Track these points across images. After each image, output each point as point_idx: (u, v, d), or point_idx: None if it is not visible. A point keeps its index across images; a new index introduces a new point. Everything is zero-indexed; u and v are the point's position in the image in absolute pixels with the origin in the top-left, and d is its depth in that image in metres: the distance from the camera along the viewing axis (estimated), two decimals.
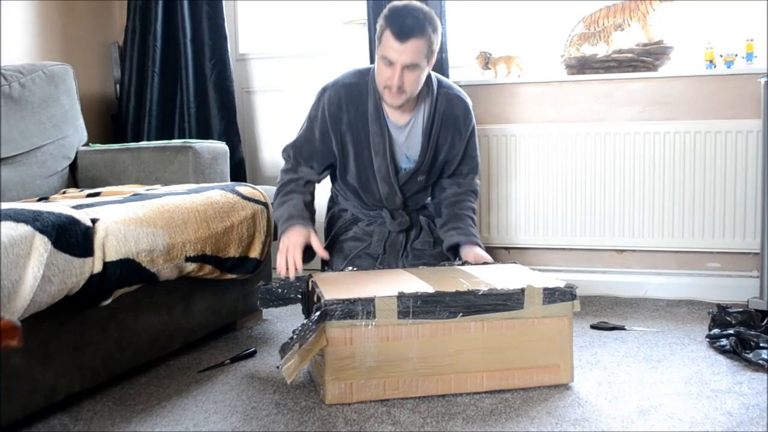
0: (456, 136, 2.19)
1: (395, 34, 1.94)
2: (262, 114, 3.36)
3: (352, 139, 2.14)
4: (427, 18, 1.99)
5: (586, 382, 1.83)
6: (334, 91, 2.14)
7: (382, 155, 2.13)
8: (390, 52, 1.96)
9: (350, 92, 2.12)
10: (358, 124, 2.13)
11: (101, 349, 1.78)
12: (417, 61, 1.97)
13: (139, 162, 2.63)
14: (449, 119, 2.16)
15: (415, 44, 1.95)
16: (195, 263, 1.96)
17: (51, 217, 1.54)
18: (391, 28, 1.95)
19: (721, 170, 2.66)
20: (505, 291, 1.73)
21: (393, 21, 1.96)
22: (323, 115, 2.14)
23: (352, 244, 2.25)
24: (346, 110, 2.12)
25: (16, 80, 2.54)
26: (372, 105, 2.11)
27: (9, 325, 0.86)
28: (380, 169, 2.16)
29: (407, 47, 1.95)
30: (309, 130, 2.19)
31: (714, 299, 2.65)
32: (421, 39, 1.96)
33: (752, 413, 1.59)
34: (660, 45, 2.75)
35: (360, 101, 2.12)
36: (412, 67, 1.98)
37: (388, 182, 2.18)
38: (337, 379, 1.68)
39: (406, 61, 1.96)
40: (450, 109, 2.16)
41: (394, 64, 1.97)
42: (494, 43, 2.99)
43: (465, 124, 2.19)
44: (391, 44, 1.95)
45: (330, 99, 2.13)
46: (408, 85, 2.00)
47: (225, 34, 3.13)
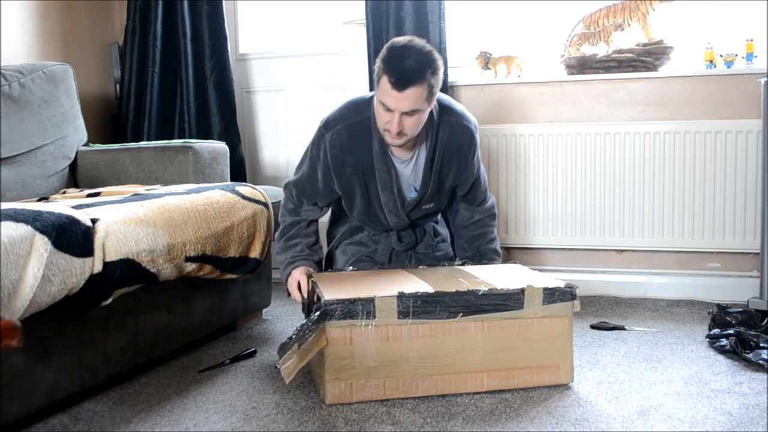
0: (462, 165, 2.12)
1: (393, 82, 1.85)
2: (262, 114, 3.36)
3: (358, 179, 2.09)
4: (427, 61, 1.88)
5: (586, 382, 1.83)
6: (336, 134, 2.05)
7: (389, 191, 2.09)
8: (388, 99, 1.88)
9: (353, 134, 2.04)
10: (364, 164, 2.07)
11: (101, 349, 1.78)
12: (415, 107, 1.88)
13: (139, 162, 2.63)
14: (453, 147, 2.08)
15: (414, 92, 1.86)
16: (195, 263, 1.96)
17: (51, 217, 1.54)
18: (389, 75, 1.85)
19: (721, 170, 2.65)
20: (505, 291, 1.73)
21: (391, 67, 1.86)
22: (326, 158, 2.07)
23: (356, 248, 2.25)
24: (350, 153, 2.05)
25: (16, 80, 2.54)
26: (377, 143, 2.04)
27: (9, 325, 0.86)
28: (387, 204, 2.11)
29: (405, 95, 1.86)
30: (311, 169, 2.13)
31: (714, 299, 2.65)
32: (420, 86, 1.86)
33: (752, 413, 1.59)
34: (660, 45, 2.75)
35: (363, 141, 2.05)
36: (411, 112, 1.90)
37: (395, 213, 2.14)
38: (337, 379, 1.68)
39: (404, 109, 1.88)
40: (453, 138, 2.08)
41: (392, 110, 1.89)
42: (494, 43, 2.99)
43: (470, 150, 2.11)
44: (389, 92, 1.87)
45: (332, 142, 2.05)
46: (408, 128, 1.93)
47: (225, 34, 3.13)
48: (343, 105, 2.11)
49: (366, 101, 2.08)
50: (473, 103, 2.96)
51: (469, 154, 2.11)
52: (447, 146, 2.07)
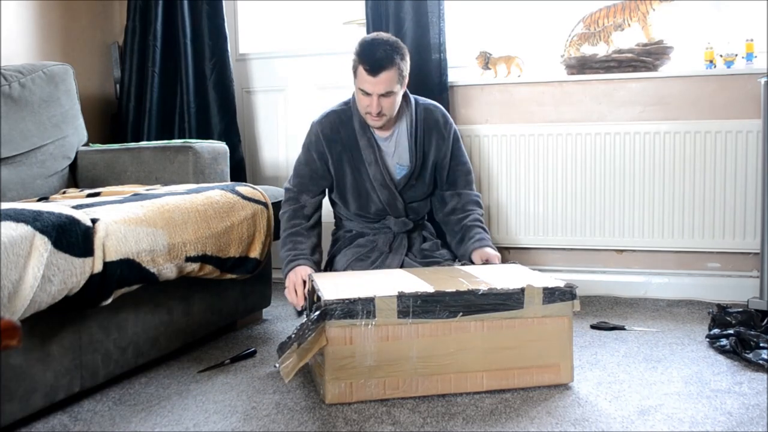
0: (440, 139, 2.33)
1: (367, 69, 2.14)
2: (262, 114, 3.36)
3: (347, 157, 2.31)
4: (395, 49, 2.17)
5: (586, 382, 1.83)
6: (326, 118, 2.34)
7: (374, 164, 2.28)
8: (365, 84, 2.17)
9: (339, 117, 2.32)
10: (351, 143, 2.30)
11: (101, 349, 1.78)
12: (390, 89, 2.17)
13: (139, 162, 2.63)
14: (430, 123, 2.33)
15: (387, 75, 2.15)
16: (195, 263, 1.96)
17: (51, 217, 1.54)
18: (363, 64, 2.15)
19: (721, 170, 2.65)
20: (505, 291, 1.73)
21: (364, 57, 2.16)
22: (318, 139, 2.31)
23: (355, 250, 2.30)
24: (338, 133, 2.30)
25: (16, 80, 2.54)
26: (357, 123, 2.30)
27: (9, 325, 0.86)
28: (376, 177, 2.28)
29: (380, 79, 2.14)
30: (306, 155, 2.35)
31: (714, 299, 2.65)
32: (391, 70, 2.15)
33: (752, 413, 1.59)
34: (660, 45, 2.75)
35: (348, 123, 2.31)
36: (387, 94, 2.17)
37: (386, 187, 2.28)
38: (336, 379, 1.68)
39: (380, 91, 2.16)
40: (429, 116, 2.34)
41: (371, 94, 2.17)
42: (494, 43, 2.99)
43: (446, 127, 2.35)
44: (365, 78, 2.16)
45: (323, 124, 2.32)
46: (386, 109, 2.20)
47: (225, 34, 3.13)
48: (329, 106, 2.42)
49: (346, 99, 2.38)
50: (473, 103, 2.96)
51: (445, 130, 2.35)
52: (425, 122, 2.33)
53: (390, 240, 2.31)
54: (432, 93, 2.85)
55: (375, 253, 2.28)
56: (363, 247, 2.30)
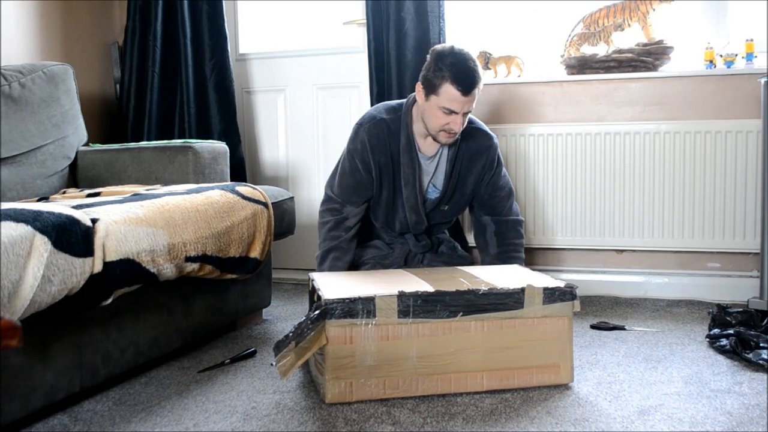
0: (484, 166, 2.25)
1: (462, 89, 2.02)
2: (262, 114, 3.36)
3: (388, 171, 2.22)
4: (477, 62, 2.08)
5: (586, 382, 1.83)
6: (373, 125, 2.20)
7: (411, 185, 2.21)
8: (454, 104, 2.05)
9: (388, 127, 2.20)
10: (394, 157, 2.21)
11: (101, 349, 1.78)
12: (473, 106, 2.10)
13: (139, 162, 2.63)
14: (473, 151, 2.23)
15: (475, 93, 2.07)
16: (195, 263, 1.96)
17: (51, 217, 1.53)
18: (457, 83, 2.02)
19: (721, 170, 2.65)
20: (505, 290, 1.73)
21: (457, 76, 2.02)
22: (364, 147, 2.20)
23: (372, 251, 2.31)
24: (384, 143, 2.20)
25: (16, 80, 2.54)
26: (404, 138, 2.19)
27: (9, 325, 0.86)
28: (409, 199, 2.23)
29: (471, 98, 2.06)
30: (351, 163, 2.24)
31: (714, 299, 2.65)
32: (479, 86, 2.07)
33: (752, 413, 1.59)
34: (660, 45, 2.75)
35: (395, 135, 2.20)
36: (469, 111, 2.10)
37: (416, 211, 2.25)
38: (336, 378, 1.68)
39: (467, 110, 2.08)
40: (474, 143, 2.24)
41: (456, 113, 2.06)
42: (494, 43, 2.99)
43: (489, 154, 2.25)
44: (457, 97, 2.03)
45: (371, 131, 2.19)
46: (463, 124, 2.12)
47: (225, 34, 3.13)
48: (373, 108, 2.29)
49: (395, 105, 2.26)
50: None
51: (489, 157, 2.24)
52: (468, 149, 2.23)
53: (405, 253, 2.33)
54: None
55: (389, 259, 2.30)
56: (379, 250, 2.30)
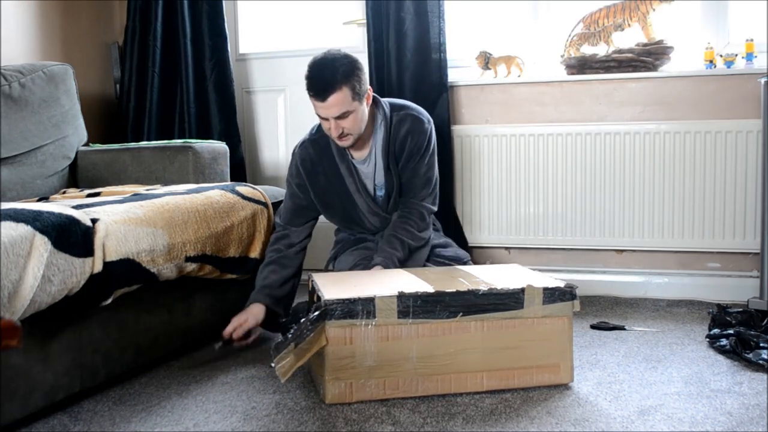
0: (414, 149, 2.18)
1: (314, 95, 2.03)
2: (262, 114, 3.36)
3: (333, 187, 2.22)
4: (339, 66, 2.02)
5: (586, 382, 1.83)
6: (302, 149, 2.24)
7: (357, 192, 2.21)
8: (319, 110, 2.06)
9: (316, 146, 2.22)
10: (332, 171, 2.21)
11: (101, 349, 1.78)
12: (345, 109, 2.03)
13: (139, 162, 2.63)
14: (403, 133, 2.18)
15: (336, 98, 2.01)
16: (195, 263, 1.96)
17: (51, 217, 1.53)
18: (309, 90, 2.05)
19: (721, 170, 2.65)
20: (505, 290, 1.73)
21: (310, 83, 2.04)
22: (298, 172, 2.23)
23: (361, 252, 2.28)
24: (319, 163, 2.22)
25: (16, 80, 2.54)
26: (335, 149, 2.20)
27: (9, 325, 0.86)
28: (362, 206, 2.23)
29: (329, 103, 2.01)
30: (290, 188, 2.28)
31: (714, 299, 2.65)
32: (339, 91, 2.00)
33: (752, 413, 1.59)
34: (660, 45, 2.75)
35: (326, 151, 2.21)
36: (343, 115, 2.04)
37: (374, 213, 2.24)
38: (336, 379, 1.68)
39: (334, 114, 2.03)
40: (404, 125, 2.18)
41: (327, 119, 2.06)
42: (494, 43, 2.99)
43: (418, 136, 2.18)
44: (316, 104, 2.05)
45: (302, 156, 2.23)
46: (348, 128, 2.08)
47: (225, 34, 3.13)
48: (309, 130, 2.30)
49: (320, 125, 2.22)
50: (473, 103, 2.96)
51: (417, 140, 2.17)
52: (397, 134, 2.18)
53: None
54: (432, 93, 2.85)
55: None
56: (369, 250, 2.28)
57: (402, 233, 2.16)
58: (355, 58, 2.09)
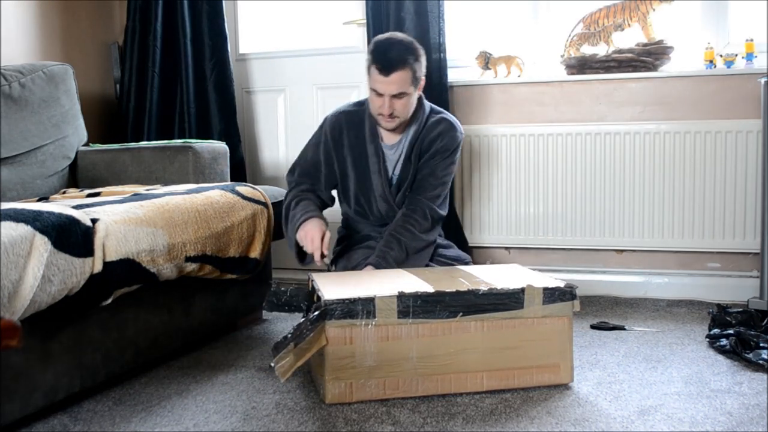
0: (439, 150, 2.23)
1: (379, 68, 2.09)
2: (262, 114, 3.36)
3: (353, 161, 2.28)
4: (409, 49, 2.13)
5: (586, 382, 1.83)
6: (335, 117, 2.30)
7: (377, 174, 2.25)
8: (377, 84, 2.12)
9: (350, 119, 2.28)
10: (358, 147, 2.27)
11: (101, 349, 1.78)
12: (403, 90, 2.11)
13: (139, 162, 2.63)
14: (434, 134, 2.24)
15: (399, 76, 2.09)
16: (195, 263, 1.96)
17: (51, 217, 1.54)
18: (376, 63, 2.10)
19: (721, 170, 2.65)
20: (505, 290, 1.73)
21: (377, 56, 2.11)
22: (326, 139, 2.29)
23: (362, 252, 2.28)
24: (346, 135, 2.27)
25: (16, 80, 2.54)
26: (368, 128, 2.26)
27: (9, 325, 0.86)
28: (377, 188, 2.26)
29: (392, 79, 2.09)
30: (314, 154, 2.32)
31: (714, 299, 2.65)
32: (404, 70, 2.10)
33: (752, 413, 1.59)
34: (660, 45, 2.75)
35: (359, 126, 2.27)
36: (399, 95, 2.12)
37: (385, 200, 2.27)
38: (336, 379, 1.68)
39: (392, 92, 2.11)
40: (436, 127, 2.25)
41: (383, 95, 2.12)
42: (494, 43, 2.99)
43: (447, 139, 2.23)
44: (378, 78, 2.11)
45: (332, 125, 2.29)
46: (398, 111, 2.15)
47: (225, 34, 3.13)
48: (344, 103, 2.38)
49: (361, 100, 2.35)
50: (473, 103, 2.96)
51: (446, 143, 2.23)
52: (428, 134, 2.25)
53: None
54: (432, 93, 2.85)
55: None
56: (372, 249, 2.27)
57: (402, 233, 2.18)
58: (420, 46, 2.18)
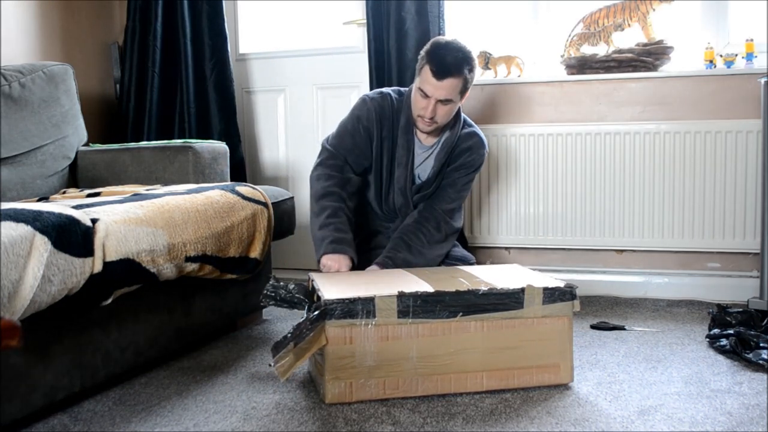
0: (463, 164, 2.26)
1: (434, 71, 2.06)
2: (262, 114, 3.36)
3: (387, 147, 2.25)
4: (466, 59, 2.10)
5: (586, 382, 1.83)
6: (381, 97, 2.26)
7: (404, 167, 2.24)
8: (427, 86, 2.08)
9: (391, 104, 2.25)
10: (391, 135, 2.25)
11: (101, 349, 1.78)
12: (451, 97, 2.10)
13: (139, 162, 2.63)
14: (464, 148, 2.25)
15: (451, 82, 2.07)
16: (195, 263, 1.96)
17: (51, 217, 1.53)
18: (431, 64, 2.07)
19: (721, 170, 2.65)
20: (505, 290, 1.73)
21: (433, 58, 2.07)
22: (370, 114, 2.23)
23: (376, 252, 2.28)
24: (386, 118, 2.24)
25: (16, 80, 2.54)
26: (404, 120, 2.23)
27: (9, 325, 0.86)
28: (399, 180, 2.26)
29: (443, 84, 2.07)
30: (354, 126, 2.25)
31: (714, 299, 2.65)
32: (457, 78, 2.08)
33: (752, 413, 1.59)
34: (660, 45, 2.75)
35: (396, 114, 2.24)
36: (446, 101, 2.10)
37: (403, 194, 2.27)
38: (336, 379, 1.68)
39: (440, 97, 2.09)
40: (467, 141, 2.26)
41: (429, 97, 2.09)
42: (494, 43, 2.99)
43: (473, 155, 2.25)
44: (429, 80, 2.07)
45: (377, 103, 2.24)
46: (440, 116, 2.14)
47: (225, 34, 3.13)
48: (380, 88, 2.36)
49: (401, 89, 2.31)
50: (473, 103, 2.96)
51: (472, 158, 2.25)
52: (459, 147, 2.25)
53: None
54: None
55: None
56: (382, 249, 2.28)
57: (412, 238, 2.20)
58: (476, 58, 2.17)
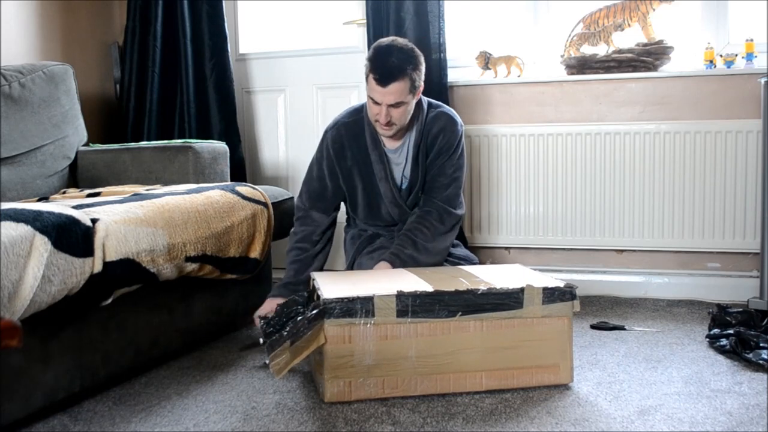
0: (443, 147, 2.23)
1: (377, 79, 2.06)
2: (262, 114, 3.36)
3: (359, 171, 2.26)
4: (408, 58, 2.08)
5: (586, 382, 1.83)
6: (335, 131, 2.26)
7: (384, 180, 2.24)
8: (375, 94, 2.08)
9: (349, 129, 2.25)
10: (362, 157, 2.25)
11: (101, 349, 1.78)
12: (400, 99, 2.08)
13: (139, 162, 2.63)
14: (436, 131, 2.23)
15: (397, 86, 2.06)
16: (195, 263, 1.96)
17: (51, 217, 1.54)
18: (374, 72, 2.07)
19: (721, 170, 2.65)
20: (504, 290, 1.73)
21: (375, 65, 2.07)
22: (328, 154, 2.26)
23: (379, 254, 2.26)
24: (348, 147, 2.24)
25: (16, 80, 2.54)
26: (369, 136, 2.23)
27: (9, 325, 0.86)
28: (386, 194, 2.26)
29: (390, 90, 2.06)
30: (318, 170, 2.30)
31: (714, 299, 2.65)
32: (402, 81, 2.06)
33: (752, 413, 1.59)
34: (660, 45, 2.75)
35: (359, 136, 2.24)
36: (397, 104, 2.09)
37: (396, 204, 2.27)
38: (335, 378, 1.68)
39: (390, 102, 2.08)
40: (437, 122, 2.23)
41: (380, 104, 2.09)
42: (494, 43, 2.99)
43: (449, 135, 2.22)
44: (375, 87, 2.07)
45: (333, 139, 2.25)
46: (396, 119, 2.12)
47: (225, 34, 3.13)
48: (340, 112, 2.34)
49: (359, 106, 2.30)
50: (473, 103, 2.96)
51: (449, 139, 2.22)
52: (430, 131, 2.23)
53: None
54: (432, 93, 2.84)
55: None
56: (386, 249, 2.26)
57: (416, 234, 2.19)
58: (420, 53, 2.14)
